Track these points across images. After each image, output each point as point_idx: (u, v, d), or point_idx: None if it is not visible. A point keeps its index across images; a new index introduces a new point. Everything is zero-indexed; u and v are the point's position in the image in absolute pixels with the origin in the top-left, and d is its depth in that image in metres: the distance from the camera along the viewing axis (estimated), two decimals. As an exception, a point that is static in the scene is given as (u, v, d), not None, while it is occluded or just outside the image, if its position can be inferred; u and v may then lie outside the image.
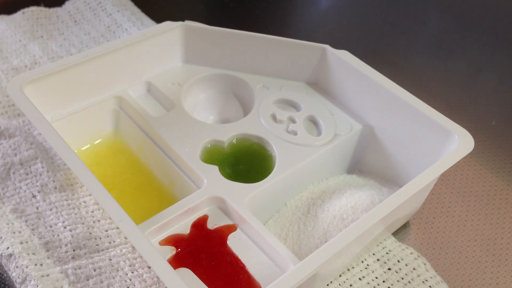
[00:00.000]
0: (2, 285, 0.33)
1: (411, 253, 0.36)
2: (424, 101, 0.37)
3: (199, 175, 0.35)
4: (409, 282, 0.35)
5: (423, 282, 0.35)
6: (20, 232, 0.34)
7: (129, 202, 0.37)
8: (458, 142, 0.35)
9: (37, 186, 0.37)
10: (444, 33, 0.60)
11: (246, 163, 0.38)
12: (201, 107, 0.43)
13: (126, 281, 0.32)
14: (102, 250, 0.34)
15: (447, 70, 0.55)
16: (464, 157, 0.34)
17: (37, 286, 0.31)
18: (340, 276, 0.35)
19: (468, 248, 0.39)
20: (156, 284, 0.32)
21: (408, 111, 0.37)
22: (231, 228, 0.33)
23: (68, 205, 0.36)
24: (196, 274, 0.30)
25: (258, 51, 0.42)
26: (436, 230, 0.40)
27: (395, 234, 0.38)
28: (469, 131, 0.35)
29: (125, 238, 0.35)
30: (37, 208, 0.36)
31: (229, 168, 0.37)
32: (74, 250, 0.33)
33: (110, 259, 0.33)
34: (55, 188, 0.37)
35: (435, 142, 0.37)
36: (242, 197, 0.34)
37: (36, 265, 0.32)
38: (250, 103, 0.42)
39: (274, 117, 0.40)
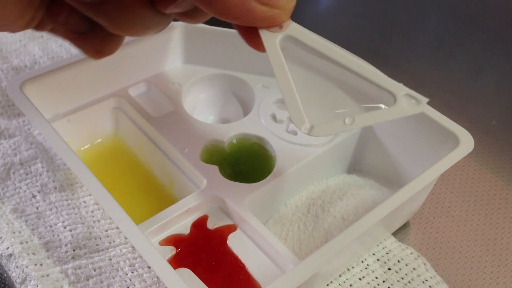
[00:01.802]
0: (2, 285, 0.33)
1: (411, 253, 0.36)
2: (424, 101, 0.37)
3: (199, 175, 0.35)
4: (409, 282, 0.35)
5: (423, 282, 0.35)
6: (20, 232, 0.34)
7: (129, 202, 0.37)
8: (458, 142, 0.35)
9: (37, 186, 0.37)
10: (444, 33, 0.60)
11: (246, 163, 0.38)
12: (201, 107, 0.43)
13: (126, 281, 0.32)
14: (102, 250, 0.34)
15: (447, 70, 0.55)
16: (464, 157, 0.34)
17: (37, 286, 0.31)
18: (340, 276, 0.35)
19: (468, 248, 0.39)
20: (156, 284, 0.32)
21: (408, 111, 0.37)
22: (231, 228, 0.33)
23: (68, 205, 0.36)
24: (196, 274, 0.30)
25: (258, 51, 0.42)
26: (436, 230, 0.40)
27: (395, 234, 0.38)
28: (469, 131, 0.35)
29: (125, 238, 0.34)
30: (37, 208, 0.36)
31: (229, 168, 0.37)
32: (74, 250, 0.33)
33: (110, 259, 0.33)
34: (55, 188, 0.37)
35: (435, 142, 0.37)
36: (242, 197, 0.34)
37: (36, 265, 0.32)
38: (250, 103, 0.42)
39: (274, 117, 0.40)
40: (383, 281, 0.34)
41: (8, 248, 0.33)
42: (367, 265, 0.35)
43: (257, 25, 0.23)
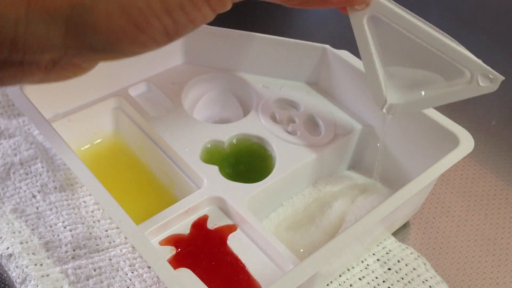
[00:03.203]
0: (2, 285, 0.33)
1: (411, 253, 0.36)
2: (424, 101, 0.37)
3: (199, 175, 0.35)
4: (409, 282, 0.35)
5: (423, 282, 0.35)
6: (20, 232, 0.34)
7: (129, 202, 0.37)
8: (458, 142, 0.35)
9: (37, 186, 0.37)
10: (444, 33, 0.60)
11: (246, 163, 0.38)
12: (201, 107, 0.43)
13: (126, 281, 0.32)
14: (102, 250, 0.34)
15: (447, 70, 0.55)
16: (464, 157, 0.34)
17: (37, 286, 0.31)
18: (340, 276, 0.35)
19: (468, 248, 0.39)
20: (156, 284, 0.32)
21: (408, 111, 0.37)
22: (231, 228, 0.33)
23: (68, 205, 0.36)
24: (196, 274, 0.30)
25: (258, 51, 0.42)
26: (436, 230, 0.40)
27: (395, 234, 0.38)
28: (469, 131, 0.35)
29: (125, 238, 0.34)
30: (37, 208, 0.36)
31: (229, 168, 0.37)
32: (74, 250, 0.33)
33: (110, 259, 0.33)
34: (55, 188, 0.37)
35: (435, 142, 0.37)
36: (242, 197, 0.34)
37: (36, 265, 0.32)
38: (250, 103, 0.42)
39: (274, 117, 0.40)
40: (383, 281, 0.34)
41: (8, 248, 0.33)
42: (367, 265, 0.35)
43: (340, 5, 0.26)
